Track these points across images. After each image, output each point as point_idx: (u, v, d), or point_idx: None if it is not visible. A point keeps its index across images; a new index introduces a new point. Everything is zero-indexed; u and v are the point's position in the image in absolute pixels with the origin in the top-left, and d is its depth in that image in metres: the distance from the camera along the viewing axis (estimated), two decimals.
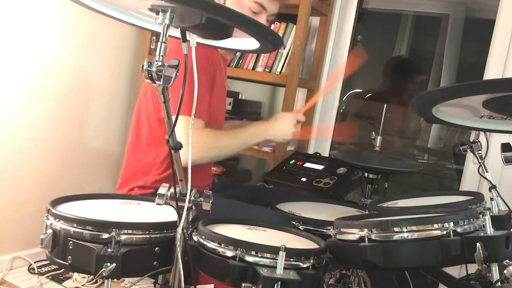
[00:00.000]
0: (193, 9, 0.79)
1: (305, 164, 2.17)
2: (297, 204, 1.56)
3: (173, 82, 0.79)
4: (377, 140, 1.79)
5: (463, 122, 1.34)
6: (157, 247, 1.06)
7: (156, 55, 0.82)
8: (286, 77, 2.26)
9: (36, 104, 2.08)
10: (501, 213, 1.32)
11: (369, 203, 1.67)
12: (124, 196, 1.39)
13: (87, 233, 1.03)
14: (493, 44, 2.19)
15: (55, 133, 2.19)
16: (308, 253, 1.00)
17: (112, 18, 0.99)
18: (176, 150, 0.92)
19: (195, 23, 0.81)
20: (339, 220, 1.16)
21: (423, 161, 2.90)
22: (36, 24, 2.02)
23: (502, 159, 1.39)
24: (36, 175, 2.14)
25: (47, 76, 2.10)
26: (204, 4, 0.77)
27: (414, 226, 1.02)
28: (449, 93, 1.12)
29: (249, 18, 0.84)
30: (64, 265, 1.05)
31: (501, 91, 1.05)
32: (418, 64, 2.98)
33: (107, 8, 0.98)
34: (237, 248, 0.97)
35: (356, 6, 2.59)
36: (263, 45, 0.93)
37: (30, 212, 2.08)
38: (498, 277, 1.04)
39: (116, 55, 2.44)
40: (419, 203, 1.40)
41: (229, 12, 0.81)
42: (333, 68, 2.62)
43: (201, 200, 1.01)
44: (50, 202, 1.14)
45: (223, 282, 1.02)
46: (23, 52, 1.99)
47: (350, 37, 2.61)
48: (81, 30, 2.21)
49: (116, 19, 1.00)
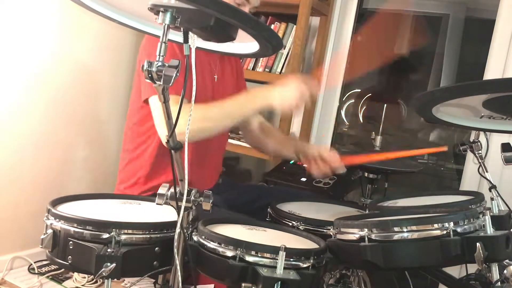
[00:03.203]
0: (206, 10, 0.78)
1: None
2: (297, 204, 1.56)
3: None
4: (377, 140, 1.79)
5: (463, 122, 1.34)
6: (157, 247, 1.06)
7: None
8: None
9: (36, 104, 2.08)
10: (501, 213, 1.32)
11: (369, 203, 1.67)
12: (124, 196, 1.39)
13: (87, 233, 1.03)
14: (493, 44, 2.19)
15: (55, 133, 2.19)
16: (308, 253, 1.00)
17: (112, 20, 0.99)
18: (176, 150, 0.93)
19: (204, 25, 0.81)
20: (339, 220, 1.16)
21: (423, 161, 2.90)
22: (36, 24, 2.02)
23: (502, 159, 1.39)
24: (36, 175, 2.14)
25: (47, 76, 2.10)
26: (219, 6, 0.76)
27: (414, 226, 1.02)
28: (449, 93, 1.13)
29: (261, 22, 0.84)
30: (64, 265, 1.05)
31: (501, 91, 1.05)
32: (418, 64, 2.98)
33: (107, 10, 0.98)
34: (237, 248, 0.97)
35: (356, 6, 2.59)
36: (264, 49, 0.93)
37: (30, 212, 2.08)
38: (498, 277, 1.04)
39: (116, 55, 2.44)
40: (419, 203, 1.40)
41: (243, 15, 0.80)
42: (333, 68, 2.62)
43: (201, 200, 1.01)
44: (50, 202, 1.14)
45: (223, 282, 1.02)
46: (23, 52, 1.99)
47: (350, 37, 2.61)
48: (81, 30, 2.20)
49: (116, 22, 1.00)
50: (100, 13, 0.98)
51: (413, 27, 2.76)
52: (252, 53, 0.99)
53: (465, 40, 2.78)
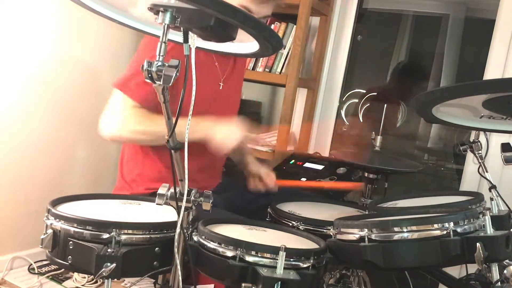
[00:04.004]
0: (206, 10, 0.78)
1: (305, 164, 2.17)
2: (297, 204, 1.56)
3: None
4: (377, 140, 1.79)
5: (463, 122, 1.34)
6: (157, 247, 1.06)
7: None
8: (286, 77, 2.26)
9: (36, 104, 2.08)
10: (501, 213, 1.32)
11: (369, 203, 1.67)
12: (124, 196, 1.39)
13: (87, 233, 1.02)
14: (493, 44, 2.19)
15: (55, 133, 2.18)
16: (308, 253, 1.00)
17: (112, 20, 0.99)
18: (176, 150, 0.93)
19: (204, 25, 0.81)
20: (339, 220, 1.16)
21: (423, 161, 2.91)
22: (36, 24, 2.02)
23: (502, 159, 1.39)
24: (36, 175, 2.14)
25: (47, 76, 2.10)
26: (219, 6, 0.76)
27: (414, 226, 1.02)
28: (449, 93, 1.13)
29: (261, 22, 0.84)
30: (64, 265, 1.05)
31: (501, 91, 1.05)
32: (418, 64, 2.98)
33: (107, 10, 0.98)
34: (237, 248, 0.97)
35: (356, 6, 2.59)
36: (264, 49, 0.93)
37: (30, 212, 2.08)
38: (498, 277, 1.04)
39: (116, 55, 2.44)
40: (419, 203, 1.40)
41: (243, 15, 0.80)
42: (333, 68, 2.63)
43: (201, 200, 1.01)
44: (50, 202, 1.14)
45: (223, 282, 1.02)
46: (23, 52, 1.99)
47: (350, 37, 2.61)
48: (81, 30, 2.20)
49: (116, 22, 1.00)
50: (100, 13, 0.98)
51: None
52: (252, 53, 0.99)
53: (465, 40, 2.79)
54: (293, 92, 2.25)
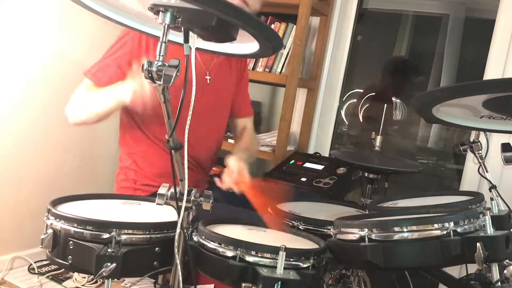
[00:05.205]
0: (208, 10, 0.78)
1: (305, 164, 2.17)
2: (297, 204, 1.56)
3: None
4: (377, 140, 1.79)
5: (463, 122, 1.34)
6: (157, 247, 1.06)
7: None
8: (286, 77, 2.26)
9: (36, 104, 2.08)
10: (501, 213, 1.32)
11: (369, 203, 1.67)
12: (124, 196, 1.39)
13: (88, 233, 1.02)
14: (493, 44, 2.19)
15: (55, 133, 2.18)
16: (308, 253, 1.00)
17: (112, 20, 0.99)
18: (176, 150, 0.92)
19: (206, 25, 0.81)
20: (339, 220, 1.16)
21: (423, 161, 2.91)
22: (36, 24, 2.02)
23: (502, 159, 1.39)
24: (36, 175, 2.14)
25: (47, 76, 2.10)
26: (221, 5, 0.76)
27: (414, 226, 1.02)
28: (449, 93, 1.12)
29: (263, 22, 0.84)
30: (65, 265, 1.05)
31: (501, 91, 1.05)
32: (418, 64, 2.98)
33: (107, 10, 0.98)
34: (237, 248, 0.97)
35: (356, 6, 2.59)
36: (264, 49, 0.93)
37: (30, 212, 2.08)
38: (498, 277, 1.04)
39: None
40: (419, 203, 1.40)
41: (245, 15, 0.80)
42: (333, 68, 2.63)
43: (201, 200, 1.01)
44: (50, 202, 1.14)
45: (223, 282, 1.02)
46: (23, 52, 1.99)
47: (350, 37, 2.61)
48: (81, 30, 2.20)
49: (116, 22, 1.00)
50: (100, 13, 0.98)
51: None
52: (252, 53, 0.99)
53: (465, 40, 2.78)
54: (293, 92, 2.25)
